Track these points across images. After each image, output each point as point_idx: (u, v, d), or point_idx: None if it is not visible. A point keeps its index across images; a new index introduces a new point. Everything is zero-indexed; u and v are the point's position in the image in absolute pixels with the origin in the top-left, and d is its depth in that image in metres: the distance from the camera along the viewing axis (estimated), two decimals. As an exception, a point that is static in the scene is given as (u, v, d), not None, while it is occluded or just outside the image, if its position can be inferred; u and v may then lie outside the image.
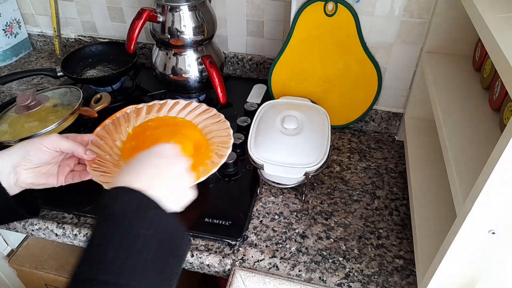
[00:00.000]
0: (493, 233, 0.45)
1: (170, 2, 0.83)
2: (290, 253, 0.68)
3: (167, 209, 0.41)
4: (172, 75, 0.91)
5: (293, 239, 0.70)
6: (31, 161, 0.55)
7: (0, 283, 0.97)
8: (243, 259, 0.67)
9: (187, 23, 0.84)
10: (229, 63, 1.12)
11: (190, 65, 0.90)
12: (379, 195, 0.79)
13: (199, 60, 0.89)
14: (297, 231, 0.72)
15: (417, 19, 0.79)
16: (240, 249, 0.68)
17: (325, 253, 0.68)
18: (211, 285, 1.14)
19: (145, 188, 0.41)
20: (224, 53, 1.07)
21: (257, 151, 0.74)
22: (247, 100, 1.01)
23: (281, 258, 0.67)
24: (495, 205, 0.42)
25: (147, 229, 0.38)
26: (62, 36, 1.23)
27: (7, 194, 0.53)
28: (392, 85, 0.89)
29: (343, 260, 0.67)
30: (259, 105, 0.95)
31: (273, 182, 0.77)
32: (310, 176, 0.71)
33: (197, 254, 0.68)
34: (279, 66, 0.91)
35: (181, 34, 0.85)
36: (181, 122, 0.68)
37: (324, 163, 0.72)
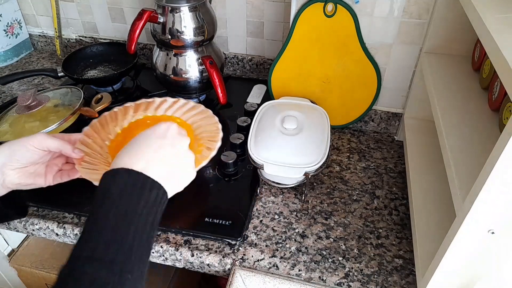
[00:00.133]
0: (493, 233, 0.45)
1: (170, 3, 0.83)
2: (290, 253, 0.68)
3: (166, 190, 0.42)
4: (172, 76, 0.91)
5: (293, 239, 0.70)
6: (18, 160, 0.53)
7: (0, 283, 0.97)
8: (243, 258, 0.67)
9: (187, 24, 0.84)
10: (229, 64, 1.12)
11: (190, 65, 0.90)
12: (378, 194, 0.79)
13: (200, 60, 0.90)
14: (297, 230, 0.72)
15: (416, 19, 0.79)
16: (240, 248, 0.69)
17: (324, 253, 0.68)
18: (211, 284, 1.14)
19: (144, 169, 0.41)
20: (224, 53, 1.08)
21: (257, 151, 0.74)
22: (247, 100, 1.01)
23: (281, 257, 0.67)
24: (494, 204, 0.42)
25: (143, 209, 0.39)
26: (63, 36, 1.23)
27: None
28: (391, 86, 0.90)
29: (342, 259, 0.67)
30: (259, 105, 0.95)
31: (273, 182, 0.78)
32: (310, 176, 0.72)
33: (197, 253, 0.68)
34: (279, 66, 0.91)
35: (182, 34, 0.85)
36: (170, 119, 0.68)
37: (323, 163, 0.72)
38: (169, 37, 0.86)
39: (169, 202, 0.44)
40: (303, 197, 0.78)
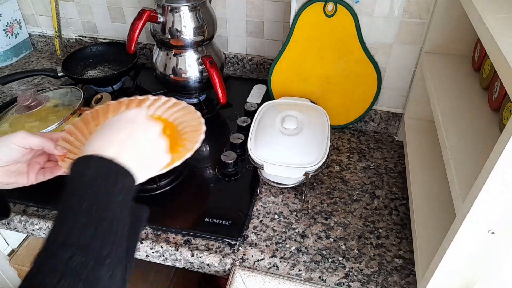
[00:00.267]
0: (492, 233, 0.45)
1: (170, 2, 0.83)
2: (290, 253, 0.68)
3: (137, 176, 0.42)
4: (172, 76, 0.91)
5: (293, 239, 0.70)
6: None
7: (0, 283, 0.97)
8: (243, 258, 0.67)
9: (187, 23, 0.84)
10: (229, 64, 1.12)
11: (190, 65, 0.90)
12: (378, 194, 0.79)
13: (200, 60, 0.90)
14: (297, 230, 0.72)
15: (417, 19, 0.79)
16: (240, 248, 0.69)
17: (324, 253, 0.68)
18: (211, 284, 1.14)
19: (116, 154, 0.41)
20: (224, 53, 1.08)
21: (257, 151, 0.74)
22: (247, 100, 1.01)
23: (281, 257, 0.67)
24: (494, 204, 0.42)
25: (117, 197, 0.39)
26: (62, 36, 1.23)
27: None
28: (391, 85, 0.90)
29: (342, 259, 0.67)
30: (259, 105, 0.95)
31: (273, 182, 0.78)
32: (310, 176, 0.72)
33: (197, 253, 0.68)
34: (279, 66, 0.91)
35: (182, 34, 0.85)
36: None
37: (323, 163, 0.72)
38: (169, 37, 0.86)
39: (169, 202, 0.44)
40: (303, 197, 0.78)
